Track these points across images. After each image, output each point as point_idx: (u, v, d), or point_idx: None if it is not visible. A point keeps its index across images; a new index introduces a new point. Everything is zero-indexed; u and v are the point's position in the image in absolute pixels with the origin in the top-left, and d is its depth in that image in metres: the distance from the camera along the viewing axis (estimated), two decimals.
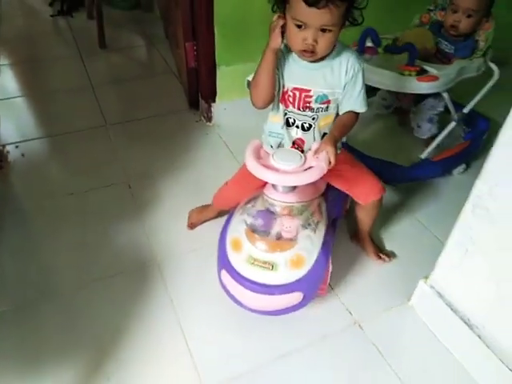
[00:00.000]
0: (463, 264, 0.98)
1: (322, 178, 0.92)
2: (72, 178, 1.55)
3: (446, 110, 1.49)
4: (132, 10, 2.97)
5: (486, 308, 0.96)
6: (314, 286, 1.05)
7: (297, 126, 1.02)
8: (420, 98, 1.49)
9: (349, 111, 1.00)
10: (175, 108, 1.93)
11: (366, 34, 1.33)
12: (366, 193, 1.13)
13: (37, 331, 1.08)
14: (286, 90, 0.99)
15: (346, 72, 0.96)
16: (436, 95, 1.43)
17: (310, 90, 0.97)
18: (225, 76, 1.72)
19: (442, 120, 1.55)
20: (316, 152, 0.93)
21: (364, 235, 1.28)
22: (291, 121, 1.02)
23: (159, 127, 1.83)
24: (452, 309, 1.03)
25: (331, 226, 1.11)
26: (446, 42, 1.42)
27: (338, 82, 0.97)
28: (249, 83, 1.01)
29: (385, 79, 1.29)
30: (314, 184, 1.00)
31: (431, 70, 1.29)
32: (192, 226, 1.35)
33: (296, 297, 1.00)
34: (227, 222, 1.10)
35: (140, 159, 1.64)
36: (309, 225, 1.01)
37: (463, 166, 1.55)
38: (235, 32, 1.63)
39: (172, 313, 1.13)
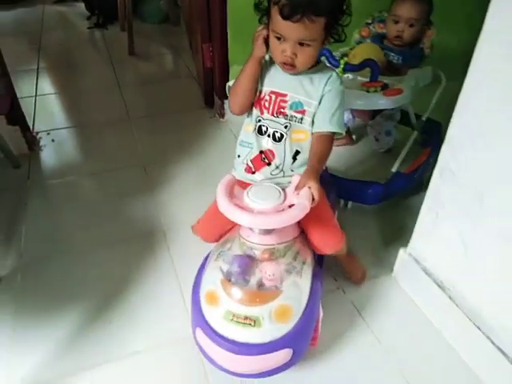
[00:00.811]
0: (435, 228, 1.06)
1: None
2: (94, 161, 1.73)
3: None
4: (161, 24, 3.22)
5: (456, 269, 1.03)
6: (305, 340, 0.92)
7: (268, 135, 0.98)
8: (377, 111, 1.48)
9: (323, 135, 0.95)
10: (192, 106, 2.10)
11: (320, 56, 1.21)
12: (324, 243, 1.00)
13: (52, 280, 1.21)
14: (263, 95, 0.97)
15: (326, 84, 0.94)
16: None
17: (286, 95, 0.95)
18: (237, 75, 1.87)
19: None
20: (297, 187, 0.87)
21: (345, 261, 1.19)
22: (264, 129, 0.98)
23: (176, 122, 1.99)
24: (427, 273, 1.10)
25: (317, 263, 1.01)
26: (392, 53, 1.40)
27: (315, 92, 0.95)
28: (229, 89, 1.01)
29: (354, 99, 1.24)
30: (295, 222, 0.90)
31: (392, 82, 1.28)
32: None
33: (284, 354, 0.87)
34: (200, 270, 0.99)
35: (156, 147, 1.79)
36: (294, 268, 0.90)
37: None
38: (246, 34, 1.78)
39: (173, 275, 1.24)
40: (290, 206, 0.84)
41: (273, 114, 0.97)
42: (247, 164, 1.00)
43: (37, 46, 2.78)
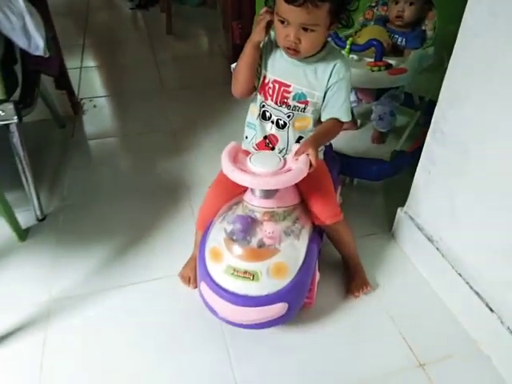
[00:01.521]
0: (427, 186, 1.16)
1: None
2: (129, 125, 1.91)
3: None
4: (198, 7, 3.37)
5: (443, 223, 1.13)
6: (300, 296, 1.00)
7: (272, 122, 1.00)
8: (381, 92, 1.50)
9: (332, 118, 0.98)
10: (220, 81, 2.25)
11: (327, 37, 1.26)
12: (323, 211, 1.03)
13: (88, 221, 1.40)
14: (267, 81, 0.97)
15: (330, 76, 0.94)
16: (396, 88, 1.46)
17: (289, 86, 0.95)
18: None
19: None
20: (296, 153, 0.90)
21: (351, 262, 1.18)
22: (267, 114, 1.00)
23: (205, 95, 2.14)
24: (419, 228, 1.21)
25: (317, 233, 1.06)
26: (395, 35, 1.42)
27: (319, 84, 0.95)
28: (233, 71, 1.00)
29: (358, 78, 1.26)
30: (296, 189, 0.99)
31: (395, 63, 1.30)
32: (193, 284, 1.15)
33: (280, 308, 0.94)
34: (206, 231, 1.04)
35: (185, 116, 1.96)
36: (292, 231, 0.97)
37: None
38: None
39: (192, 221, 1.37)
40: (289, 170, 0.89)
41: (276, 103, 0.98)
42: (253, 147, 1.05)
43: (83, 25, 3.00)
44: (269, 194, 0.94)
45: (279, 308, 0.94)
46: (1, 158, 1.22)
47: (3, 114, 1.14)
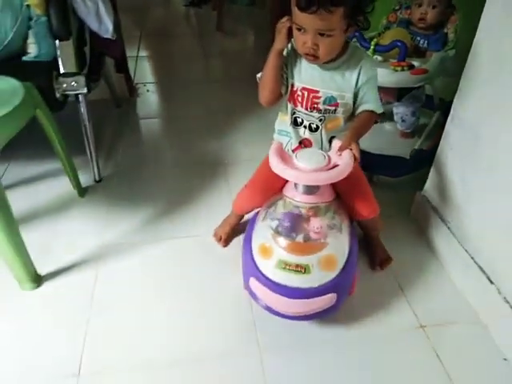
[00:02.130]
0: (443, 170, 1.26)
1: None
2: (175, 108, 2.13)
3: None
4: (248, 6, 3.56)
5: (454, 204, 1.23)
6: (347, 286, 1.05)
7: (304, 126, 1.02)
8: (403, 92, 1.51)
9: (366, 111, 0.99)
10: None
11: (352, 38, 1.31)
12: (362, 206, 1.09)
13: (138, 183, 1.59)
14: (295, 89, 0.99)
15: (358, 79, 0.95)
16: (418, 88, 1.48)
17: (318, 91, 0.97)
18: None
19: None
20: (340, 149, 0.92)
21: (374, 240, 1.27)
22: (299, 120, 1.02)
23: (247, 86, 2.28)
24: (434, 210, 1.31)
25: (351, 224, 1.11)
26: (417, 37, 1.45)
27: (347, 86, 0.96)
28: (259, 80, 1.03)
29: (383, 77, 1.25)
30: (330, 184, 1.02)
31: (418, 64, 1.34)
32: (224, 241, 1.30)
33: (330, 298, 0.99)
34: (249, 230, 1.07)
35: (227, 103, 2.14)
36: (334, 225, 1.01)
37: None
38: None
39: (227, 194, 1.55)
40: (335, 166, 0.92)
41: (307, 109, 0.99)
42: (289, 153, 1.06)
43: (141, 19, 3.26)
44: (312, 189, 0.97)
45: (329, 299, 0.98)
46: (69, 128, 1.42)
47: (76, 84, 1.35)
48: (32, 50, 1.43)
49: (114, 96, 2.03)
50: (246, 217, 1.33)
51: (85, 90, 1.37)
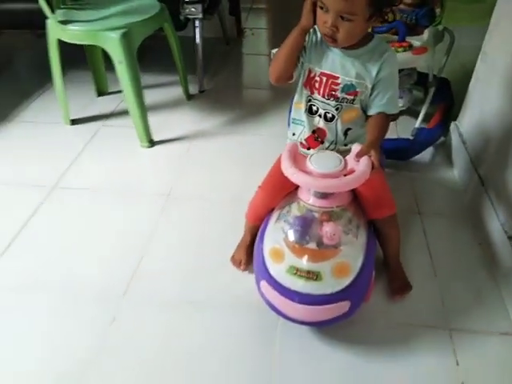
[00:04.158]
0: (470, 100, 1.50)
1: None
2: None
3: None
4: None
5: (472, 127, 1.46)
6: (361, 294, 1.00)
7: (319, 115, 0.99)
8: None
9: (379, 113, 0.96)
10: None
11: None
12: (378, 206, 1.05)
13: (227, 97, 2.07)
14: (313, 74, 0.97)
15: (380, 69, 0.93)
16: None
17: (338, 78, 0.94)
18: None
19: None
20: (358, 155, 0.89)
21: (392, 261, 1.17)
22: (314, 108, 0.99)
23: None
24: (460, 136, 1.53)
25: (372, 230, 1.06)
26: (406, 14, 1.44)
27: (368, 75, 0.94)
28: (273, 56, 1.00)
29: None
30: None
31: (415, 42, 1.32)
32: (244, 264, 1.19)
33: (343, 306, 0.95)
34: (262, 230, 1.05)
35: None
36: (350, 230, 0.97)
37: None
38: None
39: None
40: (350, 173, 0.88)
41: (324, 96, 0.97)
42: (301, 142, 1.04)
43: None
44: (327, 194, 0.94)
45: (342, 306, 0.95)
46: (187, 53, 1.93)
47: (195, 10, 1.83)
48: None
49: (224, 34, 2.51)
50: None
51: (201, 16, 1.85)
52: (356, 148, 0.91)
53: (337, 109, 0.97)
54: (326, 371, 0.99)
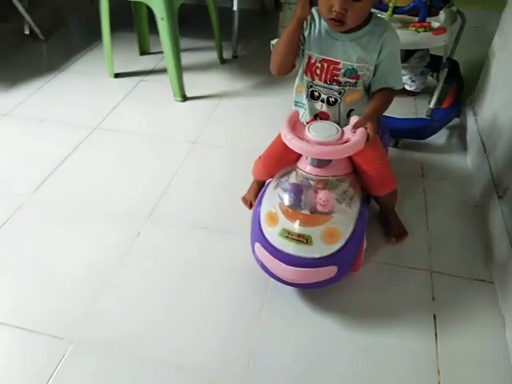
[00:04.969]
0: (484, 77, 1.57)
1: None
2: None
3: None
4: None
5: (483, 102, 1.54)
6: (349, 261, 1.04)
7: (322, 100, 0.99)
8: (409, 53, 1.48)
9: (385, 88, 0.97)
10: None
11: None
12: (378, 182, 1.07)
13: (261, 63, 2.18)
14: (313, 61, 0.96)
15: (381, 50, 0.92)
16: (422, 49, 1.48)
17: (339, 63, 0.94)
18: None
19: None
20: (354, 126, 0.91)
21: (389, 213, 1.22)
22: (316, 94, 0.99)
23: None
24: (472, 111, 1.59)
25: (366, 200, 1.10)
26: None
27: (369, 58, 0.93)
28: (273, 47, 1.00)
29: (405, 40, 1.22)
30: (348, 158, 1.01)
31: (434, 23, 1.32)
32: (251, 206, 1.28)
33: (330, 271, 0.98)
34: (260, 196, 1.08)
35: None
36: (344, 199, 0.99)
37: None
38: None
39: None
40: (345, 142, 0.91)
41: (326, 82, 0.97)
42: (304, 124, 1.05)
43: None
44: (323, 162, 0.98)
45: (329, 271, 0.98)
46: (224, 21, 2.08)
47: None
48: None
49: (262, 7, 2.62)
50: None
51: None
52: (353, 120, 0.94)
53: (339, 93, 0.98)
54: (305, 333, 1.03)
